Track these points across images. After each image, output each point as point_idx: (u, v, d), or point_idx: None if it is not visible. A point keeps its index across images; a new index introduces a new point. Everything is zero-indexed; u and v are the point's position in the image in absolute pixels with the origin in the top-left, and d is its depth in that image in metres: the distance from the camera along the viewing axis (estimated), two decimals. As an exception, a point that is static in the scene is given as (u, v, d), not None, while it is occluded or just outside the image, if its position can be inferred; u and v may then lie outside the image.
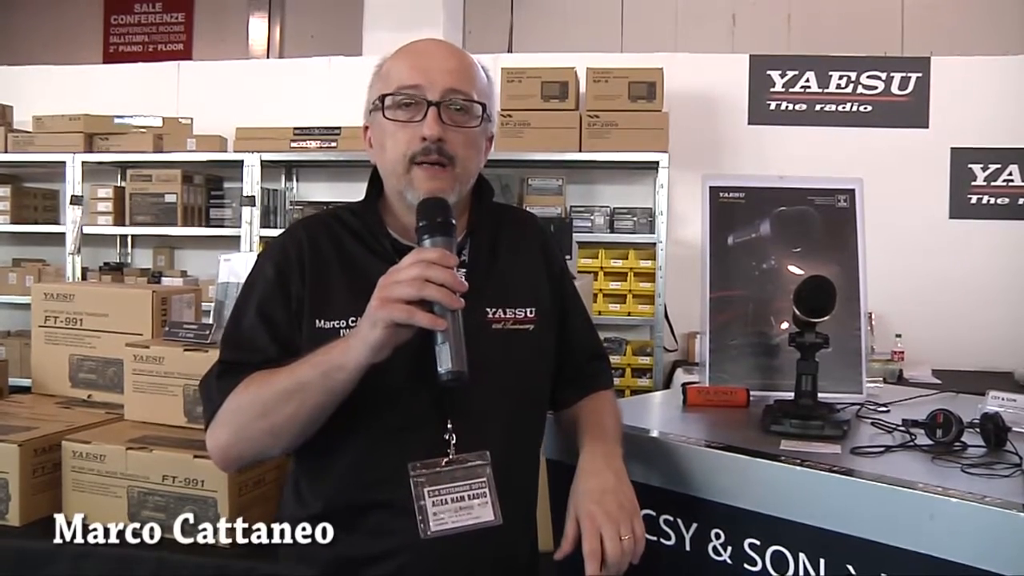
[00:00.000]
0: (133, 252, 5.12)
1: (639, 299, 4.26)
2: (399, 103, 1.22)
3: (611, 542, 1.13)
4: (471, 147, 1.24)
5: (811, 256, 1.63)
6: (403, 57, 1.25)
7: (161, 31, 7.65)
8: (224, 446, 1.21)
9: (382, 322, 1.06)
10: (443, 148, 1.20)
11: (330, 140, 4.43)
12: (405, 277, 1.06)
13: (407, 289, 1.05)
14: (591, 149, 4.16)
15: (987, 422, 1.30)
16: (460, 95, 1.22)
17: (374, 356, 1.08)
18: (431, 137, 1.19)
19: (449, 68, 1.22)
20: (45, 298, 2.21)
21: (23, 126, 4.83)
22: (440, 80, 1.21)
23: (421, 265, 1.06)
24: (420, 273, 1.05)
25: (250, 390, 1.18)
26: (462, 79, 1.23)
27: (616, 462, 1.23)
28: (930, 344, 4.11)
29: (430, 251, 1.09)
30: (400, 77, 1.22)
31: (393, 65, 1.25)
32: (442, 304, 1.06)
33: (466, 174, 1.25)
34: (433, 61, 1.23)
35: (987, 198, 4.36)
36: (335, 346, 1.12)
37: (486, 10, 6.37)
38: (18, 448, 1.76)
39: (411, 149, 1.20)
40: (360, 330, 1.09)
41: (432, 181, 1.20)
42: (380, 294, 1.07)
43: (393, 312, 1.05)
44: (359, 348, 1.08)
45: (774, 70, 4.50)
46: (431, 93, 1.20)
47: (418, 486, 1.17)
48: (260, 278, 1.27)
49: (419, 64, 1.23)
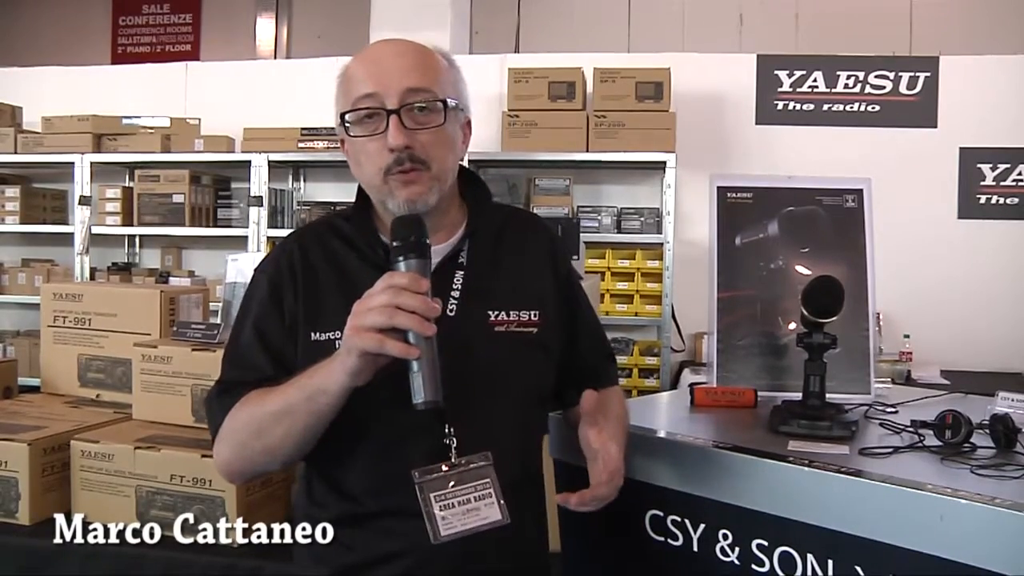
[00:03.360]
0: (141, 252, 5.14)
1: (646, 299, 4.25)
2: (360, 118, 1.21)
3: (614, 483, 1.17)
4: (442, 145, 1.22)
5: (819, 256, 1.63)
6: (359, 64, 1.23)
7: (169, 32, 7.67)
8: (227, 462, 1.24)
9: (355, 351, 1.05)
10: (413, 154, 1.18)
11: (337, 140, 4.42)
12: (376, 304, 1.04)
13: (377, 318, 1.03)
14: (598, 149, 4.16)
15: (996, 423, 1.30)
16: (420, 94, 1.19)
17: (353, 381, 1.08)
18: (397, 147, 1.17)
19: (404, 68, 1.20)
20: (54, 298, 2.22)
21: (32, 127, 4.86)
22: (396, 83, 1.18)
23: (391, 292, 1.04)
24: (390, 300, 1.03)
25: (245, 410, 1.19)
26: (419, 76, 1.20)
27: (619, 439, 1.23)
28: (939, 345, 4.10)
29: (401, 276, 1.07)
30: (357, 88, 1.20)
31: (352, 74, 1.23)
32: (414, 332, 1.04)
33: (443, 172, 1.23)
34: (386, 65, 1.20)
35: (996, 198, 4.35)
36: (320, 369, 1.12)
37: (493, 10, 6.37)
38: (27, 447, 1.77)
39: (383, 162, 1.19)
40: (339, 355, 1.09)
41: (410, 187, 1.19)
42: (353, 321, 1.06)
43: (365, 341, 1.04)
44: (338, 372, 1.08)
45: (782, 70, 4.49)
46: (389, 100, 1.18)
47: (423, 492, 1.16)
48: (256, 294, 1.28)
49: (372, 71, 1.20)
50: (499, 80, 4.27)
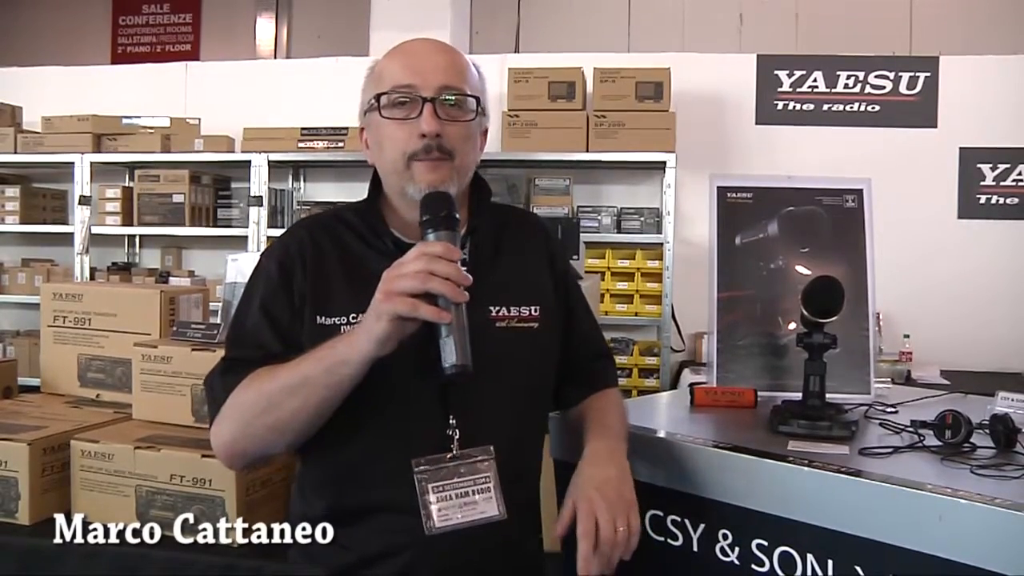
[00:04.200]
0: (141, 252, 5.14)
1: (646, 299, 4.26)
2: (395, 101, 1.23)
3: (606, 526, 1.13)
4: (468, 140, 1.26)
5: (819, 256, 1.63)
6: (395, 57, 1.27)
7: (169, 32, 7.67)
8: (228, 442, 1.21)
9: (387, 315, 1.06)
10: (441, 143, 1.21)
11: (337, 140, 4.44)
12: (409, 270, 1.07)
13: (411, 282, 1.06)
14: (598, 149, 4.15)
15: (996, 423, 1.30)
16: (454, 90, 1.23)
17: (379, 350, 1.08)
18: (430, 133, 1.20)
19: (441, 65, 1.24)
20: (54, 298, 2.22)
21: (32, 127, 4.86)
22: (433, 77, 1.22)
23: (425, 259, 1.07)
24: (424, 266, 1.06)
25: (254, 386, 1.18)
26: (454, 75, 1.24)
27: (620, 457, 1.24)
28: (938, 344, 4.10)
29: (434, 245, 1.10)
30: (394, 77, 1.24)
31: (386, 66, 1.27)
32: (447, 297, 1.06)
33: (464, 167, 1.26)
34: (425, 60, 1.24)
35: (996, 198, 4.35)
36: (339, 340, 1.13)
37: (493, 10, 6.37)
38: (27, 447, 1.76)
39: (410, 147, 1.21)
40: (365, 324, 1.10)
41: (433, 173, 1.21)
42: (384, 287, 1.07)
43: (397, 305, 1.06)
44: (364, 341, 1.09)
45: (782, 70, 4.49)
46: (425, 90, 1.22)
47: (421, 482, 1.17)
48: (263, 275, 1.28)
49: (411, 63, 1.24)
50: (499, 80, 4.27)
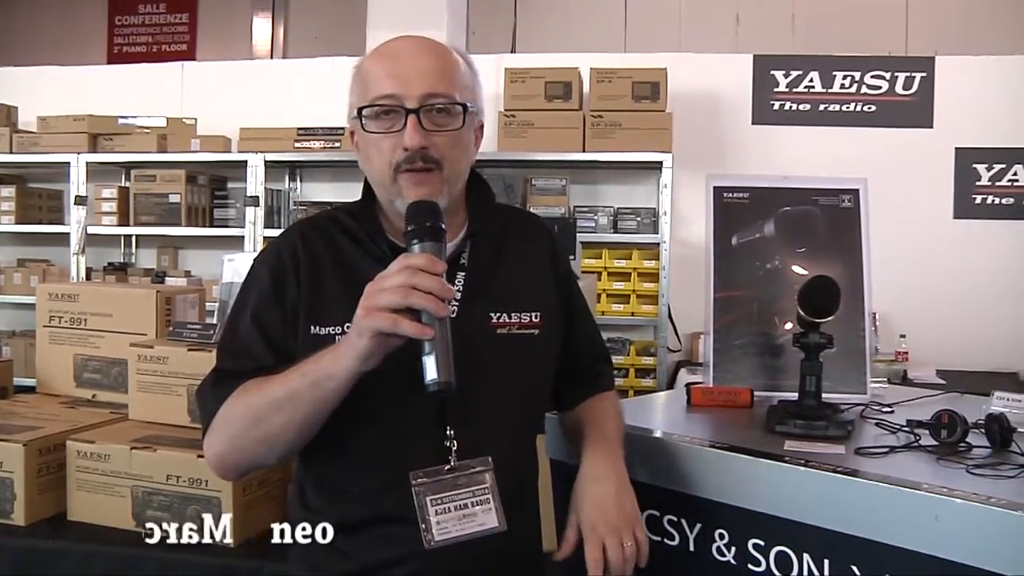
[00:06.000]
0: (137, 252, 5.13)
1: (643, 299, 4.25)
2: (377, 114, 1.19)
3: (614, 551, 1.14)
4: (456, 147, 1.21)
5: (815, 256, 1.63)
6: (379, 61, 1.21)
7: (165, 32, 7.66)
8: (220, 455, 1.20)
9: (368, 332, 1.04)
10: (427, 154, 1.17)
11: (334, 140, 4.43)
12: (391, 284, 1.03)
13: (392, 297, 1.03)
14: (595, 149, 4.15)
15: (992, 423, 1.30)
16: (440, 97, 1.18)
17: (362, 366, 1.06)
18: (412, 147, 1.16)
19: (425, 70, 1.18)
20: (50, 298, 2.22)
21: (28, 127, 4.85)
22: (417, 85, 1.17)
23: (407, 272, 1.04)
24: (406, 280, 1.03)
25: (243, 399, 1.16)
26: (440, 80, 1.18)
27: (619, 465, 1.23)
28: (934, 344, 4.11)
29: (417, 257, 1.06)
30: (377, 87, 1.19)
31: (370, 69, 1.21)
32: (429, 312, 1.03)
33: (455, 175, 1.22)
34: (408, 65, 1.18)
35: (992, 198, 4.36)
36: (325, 355, 1.10)
37: (490, 10, 6.36)
38: (23, 448, 1.76)
39: (395, 158, 1.18)
40: (348, 339, 1.07)
41: (419, 187, 1.17)
42: (365, 302, 1.05)
43: (378, 321, 1.03)
44: (347, 357, 1.06)
45: (778, 70, 4.50)
46: (409, 100, 1.16)
47: (420, 495, 1.15)
48: (255, 284, 1.25)
49: (395, 70, 1.18)
50: (495, 80, 4.27)
